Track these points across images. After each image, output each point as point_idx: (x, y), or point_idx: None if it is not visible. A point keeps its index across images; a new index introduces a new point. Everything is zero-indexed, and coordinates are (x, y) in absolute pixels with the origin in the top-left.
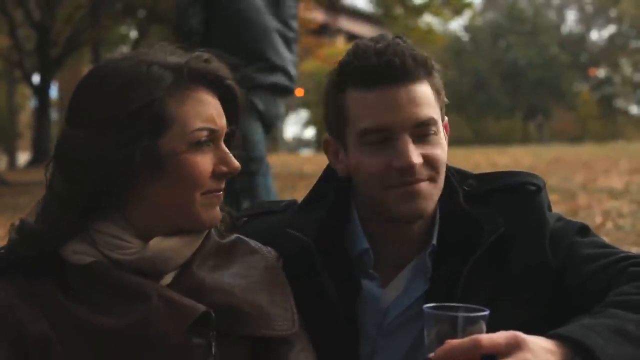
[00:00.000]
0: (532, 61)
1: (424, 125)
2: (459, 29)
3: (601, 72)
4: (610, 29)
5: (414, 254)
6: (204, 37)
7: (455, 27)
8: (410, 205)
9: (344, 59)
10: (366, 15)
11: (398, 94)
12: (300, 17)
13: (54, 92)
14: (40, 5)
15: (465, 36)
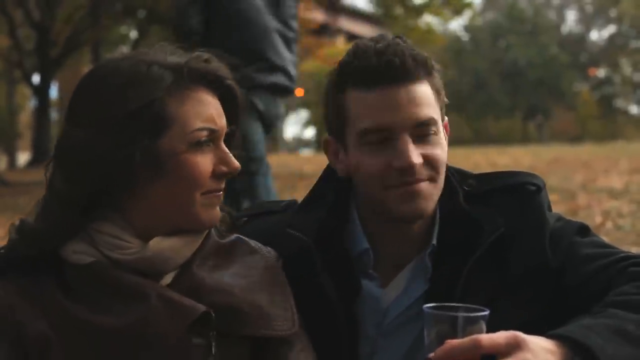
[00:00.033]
0: (532, 61)
1: (424, 125)
2: (459, 28)
3: (601, 72)
4: (610, 29)
5: (414, 254)
6: (203, 37)
7: (455, 27)
8: (410, 205)
9: (344, 59)
10: (366, 15)
11: (398, 94)
12: (300, 17)
13: (53, 92)
14: (40, 5)
15: (465, 36)
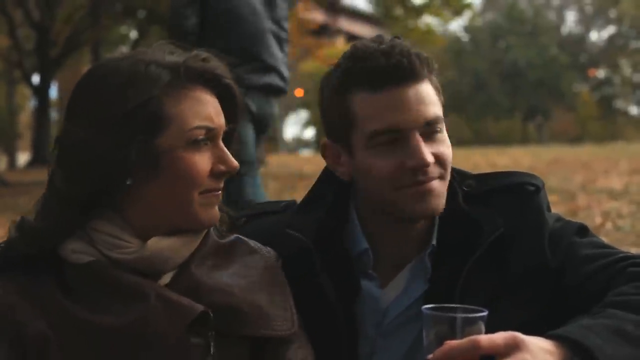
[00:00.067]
0: (532, 62)
1: (432, 124)
2: (458, 29)
3: (601, 73)
4: (610, 29)
5: (414, 254)
6: (199, 37)
7: (455, 27)
8: (424, 204)
9: (346, 62)
10: (366, 16)
11: (407, 94)
12: (299, 18)
13: (53, 92)
14: (39, 5)
15: (465, 37)
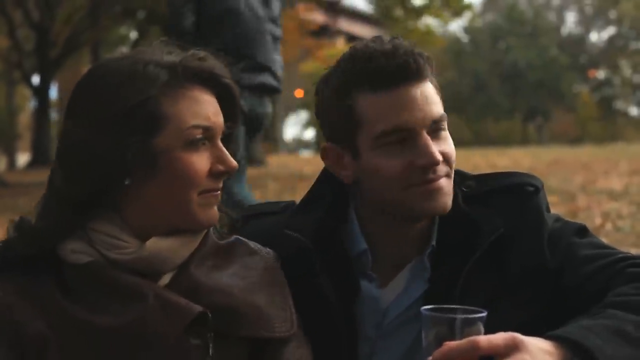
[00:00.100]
0: (532, 63)
1: (438, 122)
2: (458, 30)
3: (601, 74)
4: (610, 30)
5: (414, 254)
6: (195, 36)
7: (455, 28)
8: (433, 202)
9: (348, 64)
10: (366, 17)
11: (414, 93)
12: (300, 19)
13: (53, 93)
14: (39, 5)
15: (465, 37)
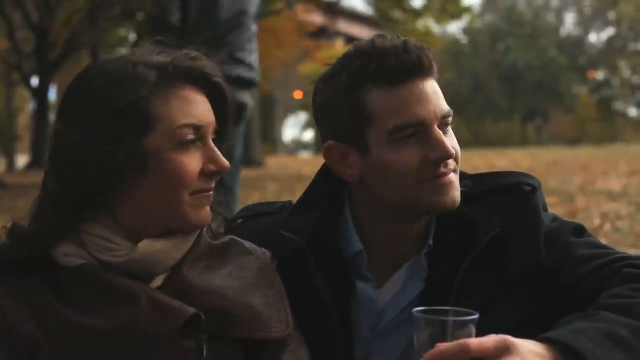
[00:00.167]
0: (531, 64)
1: (447, 116)
2: (457, 31)
3: (600, 75)
4: (609, 31)
5: (411, 254)
6: (182, 32)
7: (454, 29)
8: (444, 196)
9: (356, 61)
10: (365, 18)
11: (425, 88)
12: (298, 20)
13: (52, 94)
14: (38, 7)
15: (464, 38)
